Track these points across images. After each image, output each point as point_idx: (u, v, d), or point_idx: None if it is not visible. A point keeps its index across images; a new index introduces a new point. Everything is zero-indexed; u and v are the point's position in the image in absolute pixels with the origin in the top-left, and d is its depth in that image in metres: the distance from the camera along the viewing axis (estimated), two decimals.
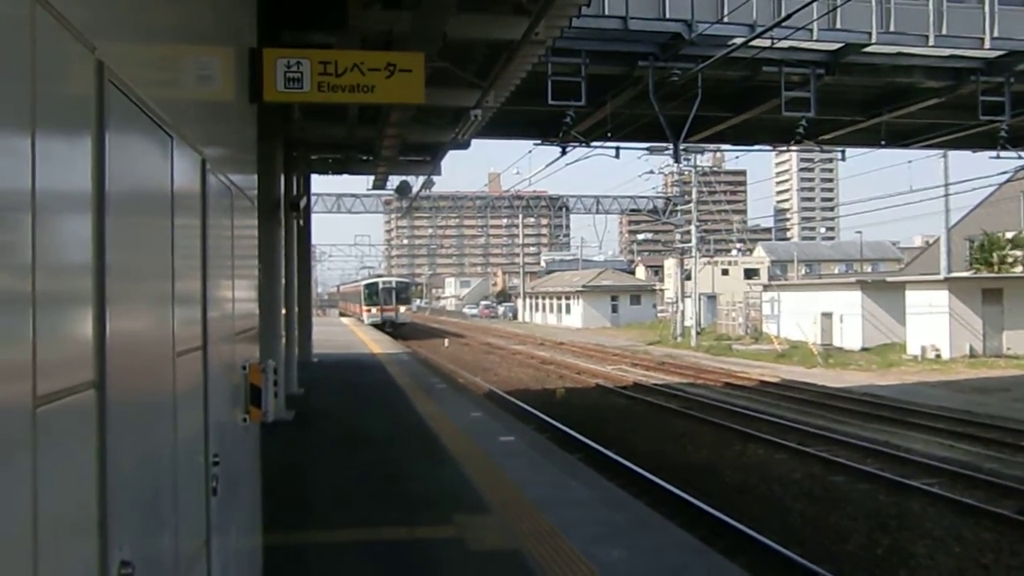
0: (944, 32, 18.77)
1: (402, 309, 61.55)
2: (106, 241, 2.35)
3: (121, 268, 2.51)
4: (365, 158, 20.80)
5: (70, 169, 2.18)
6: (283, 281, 15.73)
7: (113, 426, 2.37)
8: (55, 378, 2.00)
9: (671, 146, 22.18)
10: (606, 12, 17.70)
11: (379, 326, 57.40)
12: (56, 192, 2.06)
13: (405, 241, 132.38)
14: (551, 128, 21.05)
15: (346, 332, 49.22)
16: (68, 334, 2.16)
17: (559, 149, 22.29)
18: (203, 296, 3.97)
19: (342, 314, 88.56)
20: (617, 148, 22.74)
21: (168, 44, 3.52)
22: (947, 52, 18.97)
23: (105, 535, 2.30)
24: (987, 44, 18.87)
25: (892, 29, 18.64)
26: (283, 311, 15.79)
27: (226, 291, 4.78)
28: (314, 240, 49.48)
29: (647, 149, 26.38)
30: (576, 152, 22.70)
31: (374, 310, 60.55)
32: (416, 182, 24.86)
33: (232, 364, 4.98)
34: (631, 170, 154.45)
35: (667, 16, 18.05)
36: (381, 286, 62.27)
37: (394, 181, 24.94)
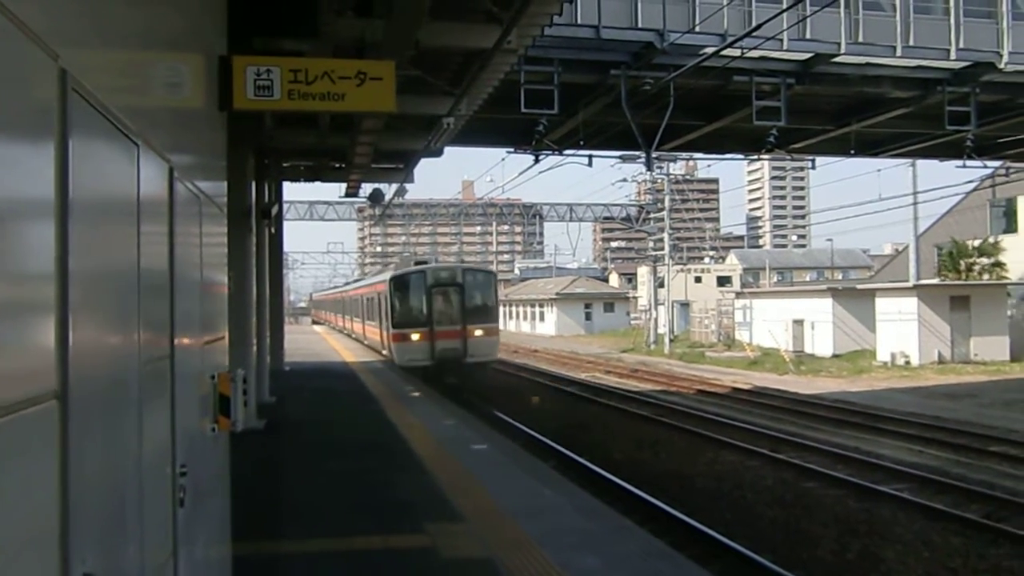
0: (911, 43, 19.08)
1: (478, 332, 26.83)
2: (69, 249, 2.32)
3: (85, 276, 2.48)
4: (338, 165, 20.74)
5: (32, 177, 2.15)
6: (255, 289, 15.61)
7: (75, 437, 2.34)
8: (15, 388, 1.97)
9: (644, 154, 22.34)
10: (579, 21, 17.80)
11: (427, 367, 26.19)
12: (18, 200, 2.03)
13: (378, 248, 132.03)
14: (524, 136, 21.11)
15: (319, 340, 48.92)
16: (29, 343, 2.13)
17: (532, 157, 22.37)
18: (170, 304, 3.94)
19: (314, 322, 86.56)
20: (590, 156, 22.81)
21: (135, 52, 3.49)
22: (914, 63, 19.26)
23: (67, 548, 2.27)
24: (953, 55, 19.18)
25: (861, 40, 18.91)
26: (255, 319, 15.67)
27: (194, 299, 4.74)
28: (286, 248, 49.07)
29: (620, 157, 26.53)
30: (549, 160, 22.77)
31: (415, 335, 26.61)
32: (389, 190, 24.83)
33: (201, 373, 4.94)
34: (604, 178, 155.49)
35: (639, 25, 18.19)
36: (432, 279, 27.31)
37: (367, 189, 24.89)
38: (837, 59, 18.61)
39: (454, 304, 26.61)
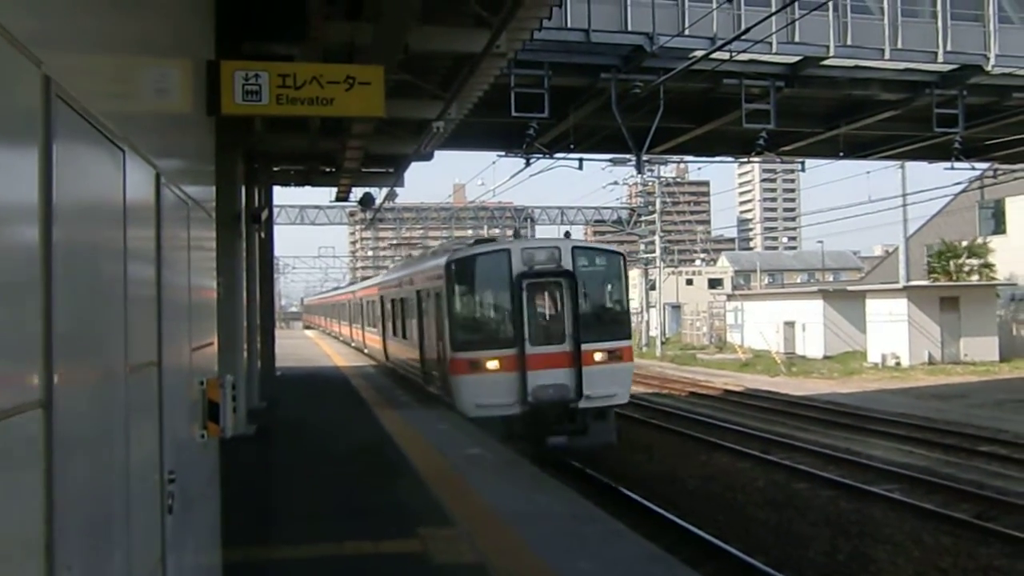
0: (900, 46, 19.15)
1: (600, 356, 15.89)
2: (53, 255, 2.31)
3: (70, 283, 2.47)
4: (328, 170, 20.68)
5: (16, 184, 2.14)
6: (245, 294, 15.57)
7: (61, 445, 2.33)
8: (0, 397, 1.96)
9: (634, 157, 22.35)
10: (569, 25, 17.81)
11: (513, 419, 15.48)
12: (1, 207, 2.03)
13: (370, 252, 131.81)
14: (515, 139, 21.11)
15: (310, 345, 48.80)
16: (13, 351, 2.12)
17: (523, 160, 22.38)
18: (158, 310, 3.92)
19: (306, 327, 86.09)
20: (580, 160, 22.86)
21: (120, 57, 3.48)
22: (903, 66, 19.34)
23: (52, 556, 2.25)
24: (941, 58, 19.27)
25: (849, 43, 18.97)
26: (245, 324, 15.63)
27: (182, 305, 4.73)
28: (277, 252, 48.59)
29: (610, 160, 26.56)
30: (540, 163, 22.76)
31: (493, 362, 15.69)
32: (379, 193, 24.79)
33: (189, 379, 4.92)
34: (595, 181, 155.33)
35: (629, 29, 18.21)
36: (522, 264, 15.76)
37: (357, 193, 24.86)
38: (826, 62, 18.68)
39: (559, 308, 15.81)
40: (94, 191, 2.92)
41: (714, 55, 16.11)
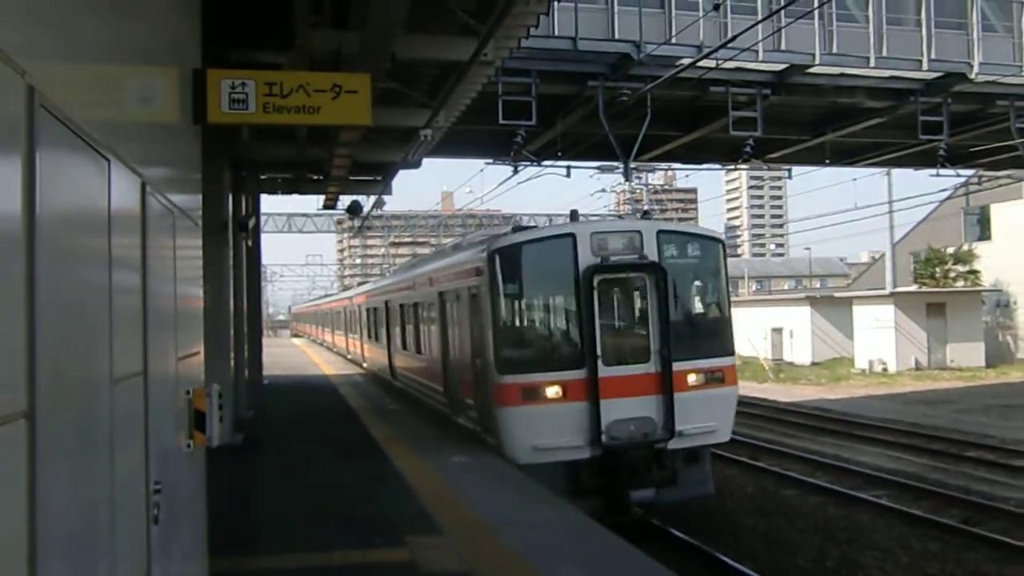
0: (885, 54, 19.30)
1: (696, 379, 12.08)
2: (37, 265, 2.30)
3: (54, 293, 2.46)
4: (315, 178, 20.65)
5: None
6: (232, 302, 15.52)
7: (44, 456, 2.32)
8: None
9: (622, 165, 22.42)
10: (556, 33, 17.86)
11: (581, 468, 11.64)
12: None
13: (358, 260, 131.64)
14: (503, 147, 21.13)
15: (298, 353, 48.65)
16: None
17: (511, 168, 22.40)
18: (143, 319, 3.91)
19: (294, 335, 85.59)
20: (568, 167, 22.89)
21: (106, 66, 3.48)
22: (888, 73, 19.47)
23: (34, 567, 2.24)
24: (925, 66, 19.43)
25: (835, 51, 19.10)
26: (232, 333, 15.57)
27: (168, 314, 4.71)
28: (264, 260, 48.33)
29: (598, 168, 26.63)
30: (528, 171, 22.81)
31: (554, 389, 11.60)
32: (367, 201, 24.75)
33: (175, 389, 4.90)
34: (583, 189, 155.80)
35: (616, 37, 18.28)
36: (592, 253, 11.80)
37: (345, 201, 24.80)
38: (812, 70, 18.78)
39: (641, 314, 12.31)
40: (78, 200, 2.91)
41: (701, 63, 16.18)
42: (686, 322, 12.52)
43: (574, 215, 13.35)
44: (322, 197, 25.28)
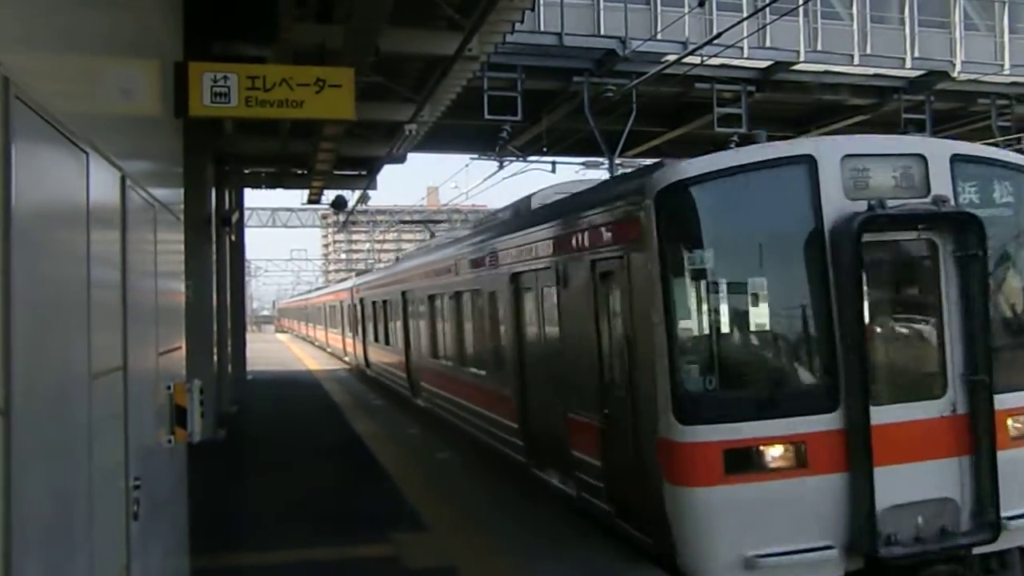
0: (869, 52, 19.41)
1: (1018, 423, 6.74)
2: (12, 259, 2.27)
3: (30, 288, 2.43)
4: (300, 172, 20.57)
5: None
6: (215, 297, 15.44)
7: (20, 453, 2.29)
8: None
9: (607, 161, 22.42)
10: (541, 28, 17.88)
11: None
12: None
13: (343, 256, 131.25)
14: (488, 142, 21.11)
15: (282, 349, 48.49)
16: None
17: (496, 163, 22.37)
18: (123, 314, 3.87)
19: (278, 330, 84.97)
20: (553, 163, 22.86)
21: (84, 58, 3.44)
22: (871, 71, 19.58)
23: (9, 564, 2.21)
24: (908, 64, 19.56)
25: (820, 48, 19.19)
26: (215, 328, 15.49)
27: (149, 308, 4.67)
28: (248, 255, 47.98)
29: (583, 164, 26.60)
30: (513, 167, 22.78)
31: (778, 448, 6.31)
32: (352, 196, 24.69)
33: (156, 384, 4.87)
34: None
35: (602, 33, 18.32)
36: (847, 199, 6.48)
37: (329, 195, 24.73)
38: (796, 67, 18.87)
39: (926, 305, 6.99)
40: (56, 194, 2.87)
41: (686, 59, 16.21)
42: (1005, 325, 7.19)
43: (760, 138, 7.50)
44: (306, 192, 25.19)
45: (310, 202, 26.71)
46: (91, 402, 3.20)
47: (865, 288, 6.43)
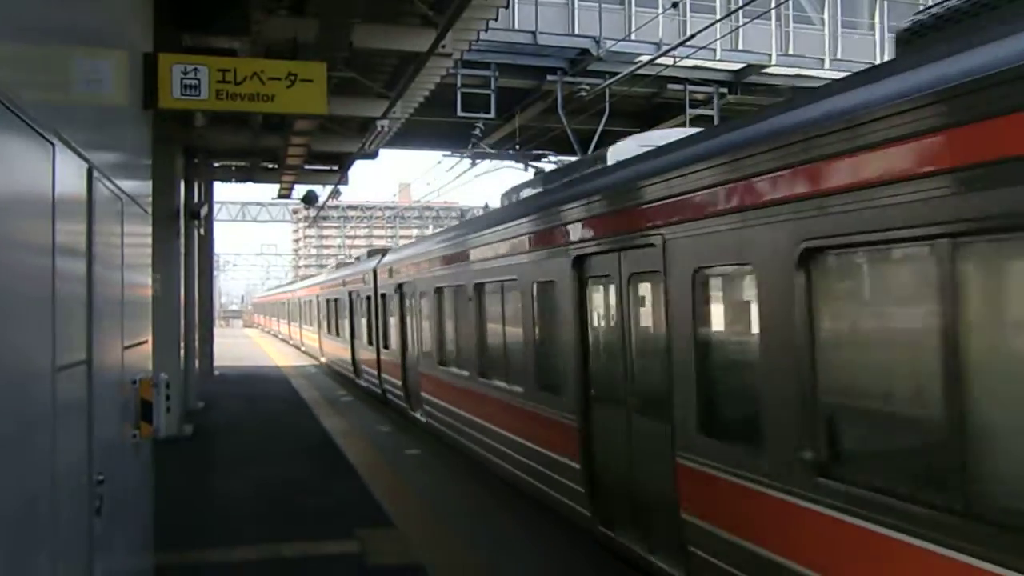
0: (839, 56, 19.58)
1: None
2: None
3: None
4: (270, 166, 20.41)
5: None
6: (182, 292, 15.30)
7: None
8: None
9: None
10: (516, 26, 17.88)
11: None
12: None
13: (313, 251, 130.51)
14: (461, 140, 21.07)
15: (250, 344, 48.13)
16: None
17: (469, 161, 22.33)
18: (88, 307, 3.82)
19: (245, 325, 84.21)
20: (526, 161, 22.87)
21: (51, 47, 3.39)
22: (842, 75, 19.75)
23: None
24: None
25: (791, 52, 19.34)
26: (182, 323, 15.35)
27: (115, 302, 4.62)
28: (217, 249, 47.51)
29: (556, 163, 26.62)
30: (486, 164, 22.76)
31: None
32: (323, 191, 24.53)
33: (121, 378, 4.81)
34: None
35: (576, 32, 18.35)
36: None
37: (300, 190, 24.55)
38: (768, 70, 19.01)
39: None
40: (20, 184, 2.82)
41: (659, 60, 16.27)
42: None
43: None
44: (277, 186, 25.01)
45: (280, 197, 26.50)
46: (54, 396, 3.15)
47: None
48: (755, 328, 5.00)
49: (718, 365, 5.69)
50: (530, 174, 15.45)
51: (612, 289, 6.98)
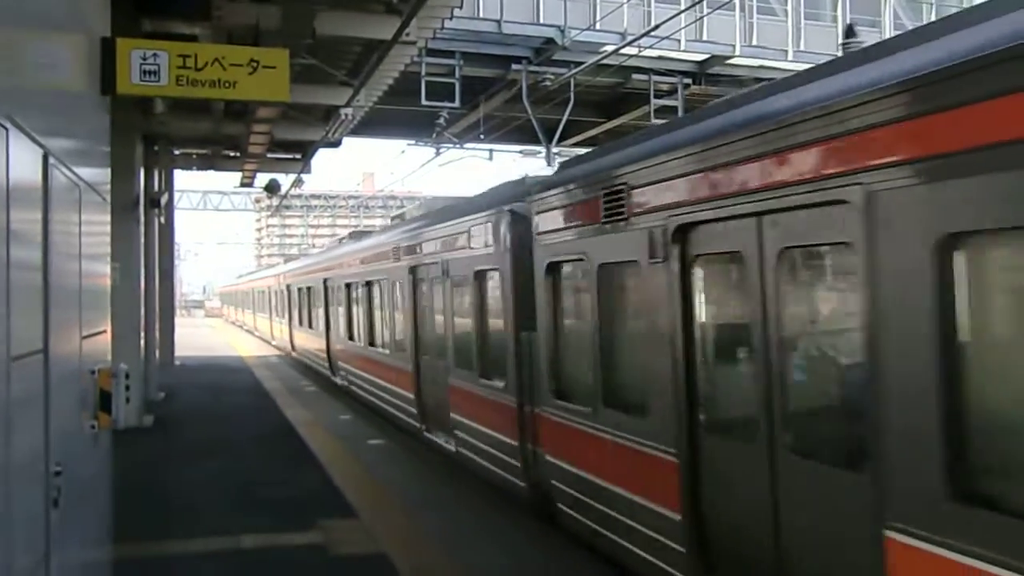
0: (802, 48, 19.77)
1: None
2: None
3: None
4: (232, 154, 20.19)
5: None
6: (142, 281, 15.10)
7: None
8: None
9: (544, 149, 22.49)
10: (481, 15, 17.83)
11: None
12: None
13: (276, 240, 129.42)
14: (425, 129, 21.00)
15: (212, 334, 47.66)
16: None
17: (433, 150, 22.28)
18: (44, 296, 3.76)
19: (207, 315, 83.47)
20: (491, 150, 22.88)
21: (2, 30, 3.31)
22: (805, 67, 19.92)
23: None
24: None
25: (755, 43, 19.48)
26: (142, 312, 15.15)
27: (72, 291, 4.54)
28: (178, 238, 46.85)
29: (520, 152, 26.65)
30: (450, 154, 22.74)
31: None
32: (286, 180, 24.31)
33: (79, 368, 4.73)
34: (505, 173, 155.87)
35: (541, 21, 18.34)
36: None
37: (263, 179, 24.31)
38: (732, 61, 19.14)
39: None
40: None
41: (624, 50, 16.32)
42: None
43: None
44: (239, 174, 24.75)
45: (243, 185, 26.23)
46: (9, 386, 3.09)
47: None
48: None
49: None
50: (495, 164, 14.83)
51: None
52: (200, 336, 42.02)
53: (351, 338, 16.81)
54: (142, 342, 15.11)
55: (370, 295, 15.13)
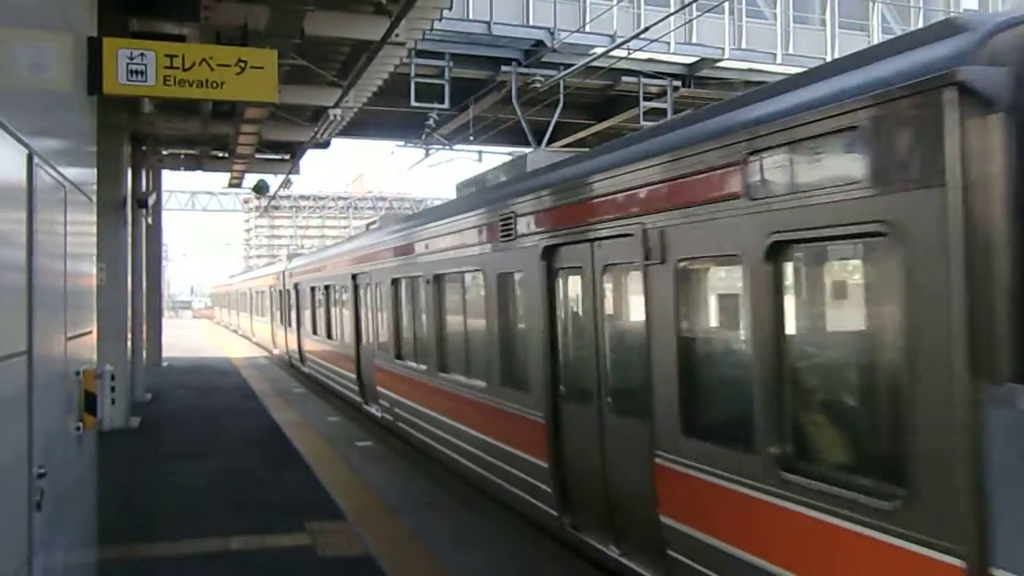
0: (791, 51, 19.83)
1: None
2: None
3: None
4: (221, 155, 20.12)
5: None
6: (129, 282, 15.02)
7: None
8: None
9: (533, 151, 22.48)
10: (470, 16, 17.82)
11: None
12: None
13: (264, 241, 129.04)
14: (414, 130, 20.96)
15: (199, 335, 47.47)
16: None
17: (423, 151, 22.22)
18: (28, 297, 3.73)
19: (195, 316, 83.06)
20: (480, 152, 22.83)
21: None
22: (794, 70, 20.00)
23: None
24: None
25: (744, 46, 19.53)
26: (129, 313, 15.07)
27: (57, 291, 4.51)
28: (166, 239, 46.60)
29: (510, 154, 26.63)
30: (440, 155, 22.68)
31: None
32: (275, 181, 24.24)
33: (64, 369, 4.70)
34: None
35: (531, 23, 18.34)
36: None
37: (251, 179, 24.23)
38: (721, 63, 19.18)
39: None
40: None
41: (613, 52, 16.33)
42: None
43: None
44: (227, 175, 24.66)
45: (231, 186, 26.14)
46: None
47: None
48: None
49: None
50: (485, 166, 14.86)
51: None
52: (187, 337, 41.84)
53: (399, 356, 12.26)
54: (129, 343, 15.03)
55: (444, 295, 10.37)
